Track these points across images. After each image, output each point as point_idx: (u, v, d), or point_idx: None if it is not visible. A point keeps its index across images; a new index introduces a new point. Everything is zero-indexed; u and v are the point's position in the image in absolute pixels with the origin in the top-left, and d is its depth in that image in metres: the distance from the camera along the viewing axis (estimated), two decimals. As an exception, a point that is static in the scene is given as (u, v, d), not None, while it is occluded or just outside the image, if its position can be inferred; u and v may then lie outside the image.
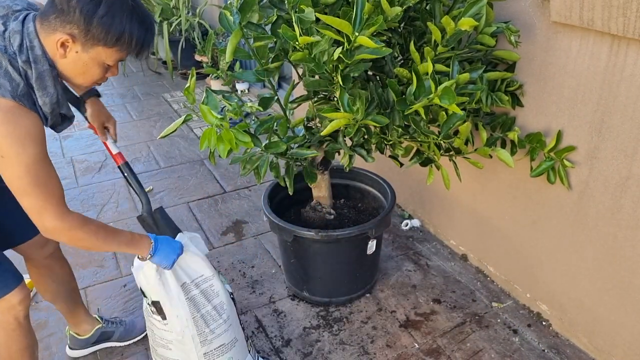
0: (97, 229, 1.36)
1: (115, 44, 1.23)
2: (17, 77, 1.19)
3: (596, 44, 1.60)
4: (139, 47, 1.28)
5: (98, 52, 1.24)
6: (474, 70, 1.61)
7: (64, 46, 1.22)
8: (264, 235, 2.69)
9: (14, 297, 1.47)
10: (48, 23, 1.21)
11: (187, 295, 1.57)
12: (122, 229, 1.47)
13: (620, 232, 1.70)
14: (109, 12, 1.19)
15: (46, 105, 1.26)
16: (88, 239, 1.33)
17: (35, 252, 1.71)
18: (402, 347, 1.99)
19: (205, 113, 1.46)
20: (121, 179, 3.25)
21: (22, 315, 1.51)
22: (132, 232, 1.47)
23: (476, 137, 1.91)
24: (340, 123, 1.54)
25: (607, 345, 1.86)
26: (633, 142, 1.58)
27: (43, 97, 1.25)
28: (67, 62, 1.25)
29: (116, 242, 1.41)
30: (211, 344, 1.61)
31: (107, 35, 1.21)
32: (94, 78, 1.31)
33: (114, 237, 1.41)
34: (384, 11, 1.39)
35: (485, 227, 2.29)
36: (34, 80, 1.22)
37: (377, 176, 2.30)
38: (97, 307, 2.21)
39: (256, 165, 1.69)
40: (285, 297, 2.26)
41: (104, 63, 1.28)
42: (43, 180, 1.23)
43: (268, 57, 1.63)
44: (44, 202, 1.24)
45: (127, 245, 1.44)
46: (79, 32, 1.20)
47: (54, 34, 1.20)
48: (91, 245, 1.36)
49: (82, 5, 1.17)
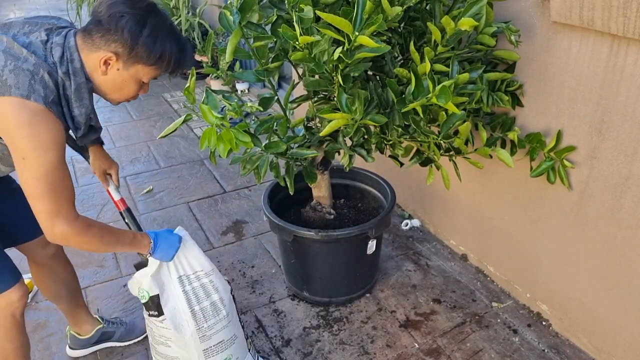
0: (102, 232, 1.39)
1: (155, 62, 1.32)
2: (52, 85, 1.24)
3: (596, 44, 1.60)
4: (175, 66, 1.37)
5: (137, 70, 1.32)
6: (474, 70, 1.61)
7: (107, 64, 1.29)
8: (264, 235, 2.69)
9: (13, 294, 1.48)
10: (92, 41, 1.28)
11: (184, 287, 1.58)
12: (123, 229, 1.49)
13: (620, 232, 1.70)
14: (153, 33, 1.28)
15: (82, 115, 1.32)
16: (94, 243, 1.36)
17: (38, 251, 1.71)
18: (402, 347, 1.99)
19: (205, 113, 1.46)
20: (121, 179, 3.25)
21: (18, 312, 1.52)
22: (134, 232, 1.50)
23: (476, 137, 1.91)
24: (339, 123, 1.54)
25: (607, 345, 1.86)
26: (633, 142, 1.58)
27: (80, 107, 1.31)
28: (107, 78, 1.32)
29: (120, 243, 1.45)
30: (210, 340, 1.62)
31: (149, 55, 1.29)
32: (129, 94, 1.39)
33: (117, 239, 1.44)
34: (384, 11, 1.39)
35: (485, 227, 2.29)
36: (72, 91, 1.28)
37: (377, 176, 2.30)
38: (97, 307, 2.21)
39: (256, 165, 1.69)
40: (285, 297, 2.26)
41: (140, 80, 1.36)
42: (59, 185, 1.27)
43: (268, 57, 1.63)
44: (57, 207, 1.27)
45: (129, 245, 1.47)
46: (124, 50, 1.27)
47: (97, 51, 1.28)
48: (96, 248, 1.40)
49: (130, 25, 1.25)
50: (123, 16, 1.25)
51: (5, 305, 1.48)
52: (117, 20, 1.24)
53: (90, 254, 2.53)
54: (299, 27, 1.40)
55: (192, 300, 1.59)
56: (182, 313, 1.57)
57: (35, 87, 1.20)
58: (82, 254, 2.53)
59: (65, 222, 1.28)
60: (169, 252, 1.55)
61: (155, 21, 1.29)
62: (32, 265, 1.77)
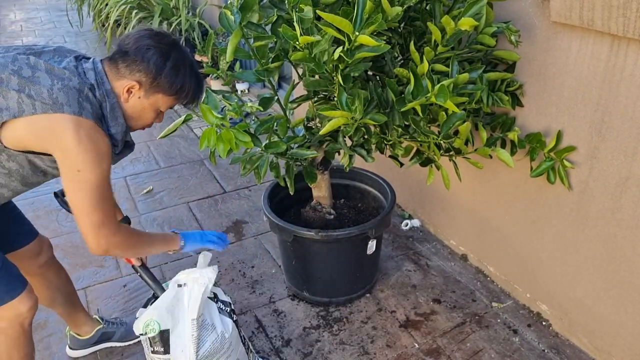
0: (140, 237, 1.51)
1: (176, 93, 1.41)
2: (96, 104, 1.33)
3: (596, 44, 1.60)
4: (191, 98, 1.47)
5: (157, 99, 1.41)
6: (474, 70, 1.61)
7: (129, 92, 1.38)
8: (264, 235, 2.69)
9: (22, 304, 1.46)
10: (117, 70, 1.37)
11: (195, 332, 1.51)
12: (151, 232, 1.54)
13: (620, 232, 1.70)
14: (175, 66, 1.38)
15: (118, 134, 1.40)
16: (136, 246, 1.49)
17: (29, 261, 1.70)
18: (402, 347, 1.99)
19: (205, 113, 1.47)
20: (121, 179, 3.26)
21: (27, 322, 1.50)
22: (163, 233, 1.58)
23: (476, 137, 1.91)
24: (338, 122, 1.54)
25: (607, 345, 1.86)
26: (633, 142, 1.58)
27: (116, 126, 1.38)
28: (128, 105, 1.40)
29: (156, 242, 1.57)
30: None
31: (171, 85, 1.39)
32: (146, 122, 1.47)
33: (152, 241, 1.56)
34: (384, 11, 1.39)
35: (485, 227, 2.29)
36: (108, 111, 1.36)
37: (377, 176, 2.30)
38: (97, 307, 2.21)
39: (256, 165, 1.69)
40: (285, 297, 2.26)
41: (158, 109, 1.44)
42: (107, 196, 1.36)
43: (268, 57, 1.63)
44: (104, 217, 1.35)
45: (162, 243, 1.58)
46: (147, 80, 1.36)
47: (121, 80, 1.37)
48: (138, 252, 1.53)
49: (156, 58, 1.35)
50: (150, 49, 1.35)
51: (14, 315, 1.46)
52: (145, 52, 1.34)
53: (89, 254, 2.53)
54: (299, 27, 1.40)
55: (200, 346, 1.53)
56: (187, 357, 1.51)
57: (84, 105, 1.28)
58: (81, 254, 2.53)
59: (111, 231, 1.37)
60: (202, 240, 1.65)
61: (178, 56, 1.39)
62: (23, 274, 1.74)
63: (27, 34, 6.96)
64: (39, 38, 6.71)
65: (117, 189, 3.15)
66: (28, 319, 1.49)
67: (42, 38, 6.70)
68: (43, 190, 3.02)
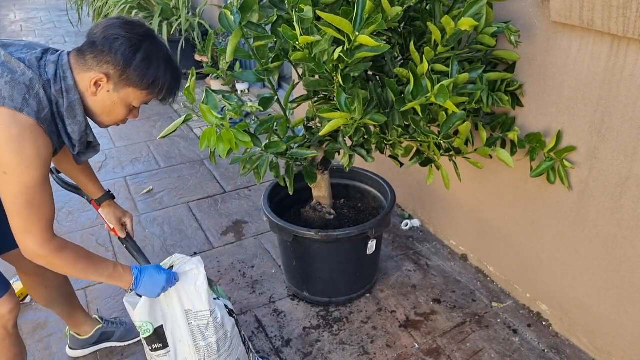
0: (77, 259, 1.35)
1: (147, 88, 1.32)
2: (46, 101, 1.24)
3: (596, 44, 1.60)
4: (166, 94, 1.37)
5: (128, 93, 1.32)
6: (474, 70, 1.61)
7: (97, 85, 1.29)
8: (264, 235, 2.69)
9: (3, 306, 1.44)
10: (84, 61, 1.28)
11: (189, 321, 1.52)
12: (105, 259, 1.42)
13: (620, 232, 1.70)
14: (147, 58, 1.28)
15: (75, 133, 1.32)
16: (65, 267, 1.34)
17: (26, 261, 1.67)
18: (402, 347, 1.99)
19: (205, 113, 1.46)
20: (121, 179, 3.26)
21: (10, 324, 1.48)
22: (116, 263, 1.44)
23: (476, 137, 1.91)
24: (338, 123, 1.54)
25: (607, 345, 1.86)
26: (633, 142, 1.58)
27: (72, 125, 1.31)
28: (96, 99, 1.32)
29: (97, 273, 1.40)
30: None
31: (142, 79, 1.29)
32: (117, 118, 1.38)
33: (95, 269, 1.39)
34: (384, 11, 1.39)
35: (485, 227, 2.29)
36: (65, 108, 1.28)
37: (377, 176, 2.30)
38: (97, 307, 2.21)
39: (256, 165, 1.69)
40: (285, 297, 2.26)
41: (130, 104, 1.35)
42: (37, 203, 1.25)
43: (268, 57, 1.63)
44: (31, 225, 1.25)
45: (108, 277, 1.41)
46: (115, 72, 1.27)
47: (89, 72, 1.28)
48: (68, 273, 1.37)
49: (124, 48, 1.25)
50: (118, 39, 1.25)
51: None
52: (112, 42, 1.25)
53: (90, 254, 2.53)
54: (299, 27, 1.40)
55: (198, 336, 1.53)
56: (186, 346, 1.53)
57: (30, 102, 1.20)
58: (82, 254, 2.53)
59: (36, 241, 1.27)
60: (154, 290, 1.46)
61: (151, 47, 1.30)
62: (21, 275, 1.74)
63: (27, 34, 6.96)
64: (39, 38, 6.71)
65: (117, 188, 3.15)
66: (11, 321, 1.48)
67: (42, 38, 6.70)
68: (43, 190, 3.02)
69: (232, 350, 1.63)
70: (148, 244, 2.62)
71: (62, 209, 2.91)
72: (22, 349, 1.60)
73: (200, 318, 1.53)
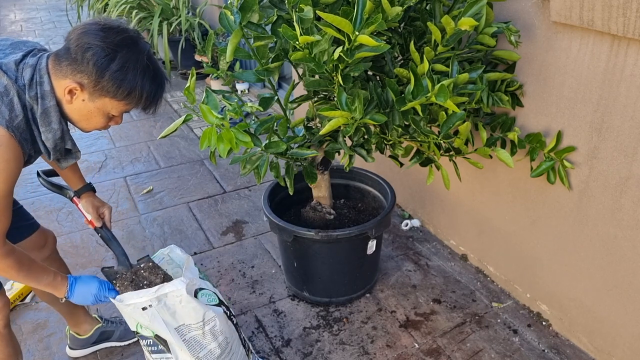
0: (20, 266, 1.34)
1: (125, 98, 1.27)
2: (18, 109, 1.22)
3: (596, 44, 1.60)
4: (147, 103, 1.33)
5: (104, 102, 1.28)
6: (474, 70, 1.61)
7: (72, 93, 1.26)
8: (264, 235, 2.69)
9: None
10: (60, 67, 1.25)
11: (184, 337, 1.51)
12: (47, 269, 1.44)
13: (620, 232, 1.70)
14: (123, 68, 1.23)
15: (49, 140, 1.29)
16: (8, 272, 1.33)
17: (32, 252, 1.68)
18: (402, 347, 1.99)
19: (205, 113, 1.46)
20: (121, 179, 3.26)
21: (1, 324, 1.48)
22: (57, 273, 1.44)
23: (476, 137, 1.91)
24: (338, 122, 1.54)
25: (607, 345, 1.86)
26: (633, 142, 1.58)
27: (46, 132, 1.28)
28: (72, 107, 1.29)
29: (37, 280, 1.40)
30: None
31: (117, 89, 1.25)
32: (96, 125, 1.35)
33: (36, 276, 1.39)
34: (384, 11, 1.39)
35: (485, 227, 2.29)
36: (38, 115, 1.25)
37: (377, 176, 2.30)
38: (97, 307, 2.21)
39: (256, 165, 1.69)
40: (285, 297, 2.26)
41: (108, 113, 1.32)
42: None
43: (268, 57, 1.63)
44: None
45: (47, 285, 1.42)
46: (89, 82, 1.23)
47: (64, 79, 1.25)
48: (12, 277, 1.36)
49: (96, 58, 1.21)
50: (90, 48, 1.20)
51: None
52: (84, 51, 1.20)
53: (89, 254, 2.53)
54: (299, 27, 1.40)
55: (196, 348, 1.52)
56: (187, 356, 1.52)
57: (1, 110, 1.18)
58: (81, 254, 2.53)
59: None
60: (86, 298, 1.47)
61: (128, 56, 1.24)
62: None
63: (27, 34, 6.96)
64: (39, 38, 6.71)
65: (117, 188, 3.15)
66: (2, 321, 1.48)
67: (42, 38, 6.71)
68: (43, 190, 3.02)
69: (232, 354, 1.63)
70: (148, 244, 2.63)
71: (62, 209, 2.91)
72: (16, 349, 1.59)
73: (194, 329, 1.52)
